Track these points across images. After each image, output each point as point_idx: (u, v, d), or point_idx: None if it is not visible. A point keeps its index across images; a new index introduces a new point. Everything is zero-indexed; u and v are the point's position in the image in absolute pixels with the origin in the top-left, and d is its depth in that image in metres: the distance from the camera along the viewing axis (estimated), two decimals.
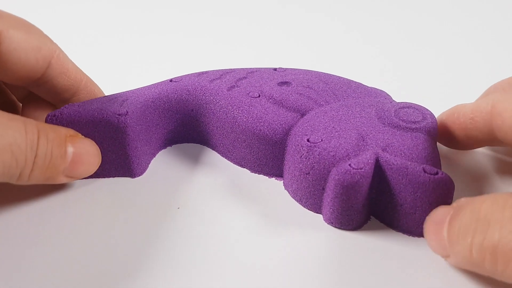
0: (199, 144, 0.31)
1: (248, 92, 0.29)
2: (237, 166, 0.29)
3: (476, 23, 0.51)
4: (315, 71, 0.32)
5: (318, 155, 0.25)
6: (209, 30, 0.50)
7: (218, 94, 0.29)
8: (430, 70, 0.42)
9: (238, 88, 0.30)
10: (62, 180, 0.25)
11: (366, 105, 0.28)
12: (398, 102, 0.28)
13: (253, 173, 0.29)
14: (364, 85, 0.31)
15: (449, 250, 0.21)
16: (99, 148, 0.26)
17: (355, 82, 0.31)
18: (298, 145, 0.26)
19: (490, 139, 0.25)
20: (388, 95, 0.31)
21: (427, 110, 0.27)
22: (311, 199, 0.26)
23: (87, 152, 0.25)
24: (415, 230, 0.24)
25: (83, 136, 0.26)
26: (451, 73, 0.41)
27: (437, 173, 0.23)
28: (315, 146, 0.25)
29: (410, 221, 0.24)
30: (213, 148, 0.31)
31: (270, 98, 0.29)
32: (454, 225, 0.21)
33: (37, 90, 0.27)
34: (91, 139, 0.26)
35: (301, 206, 0.26)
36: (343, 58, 0.45)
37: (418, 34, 0.49)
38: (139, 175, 0.28)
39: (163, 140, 0.30)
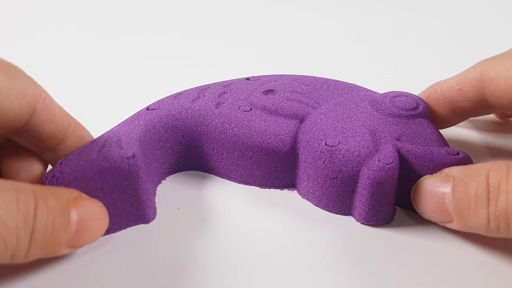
0: (193, 171, 0.29)
1: (238, 107, 0.28)
2: (243, 185, 0.28)
3: (464, 22, 0.53)
4: (288, 75, 0.32)
5: (342, 157, 0.24)
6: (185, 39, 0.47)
7: (208, 114, 0.28)
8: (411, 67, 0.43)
9: (225, 104, 0.28)
10: (64, 251, 0.21)
11: (357, 100, 0.29)
12: (385, 93, 0.29)
13: (263, 189, 0.28)
14: (337, 80, 0.32)
15: (456, 219, 0.23)
16: (108, 200, 0.23)
17: (329, 79, 0.32)
18: (317, 151, 0.25)
19: (478, 107, 0.27)
20: (360, 86, 0.31)
21: (415, 95, 0.29)
22: (340, 203, 0.25)
23: (94, 216, 0.22)
24: None
25: (87, 197, 0.22)
26: (432, 69, 0.43)
27: (458, 154, 0.24)
28: (336, 149, 0.25)
29: None
30: (211, 171, 0.29)
31: (264, 109, 0.28)
32: (461, 197, 0.22)
33: (18, 138, 0.23)
34: (98, 193, 0.23)
35: (326, 211, 0.26)
36: (322, 57, 0.45)
37: (403, 31, 0.51)
38: (153, 219, 0.25)
39: (157, 175, 0.27)
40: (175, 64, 0.43)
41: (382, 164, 0.24)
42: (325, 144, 0.25)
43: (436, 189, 0.23)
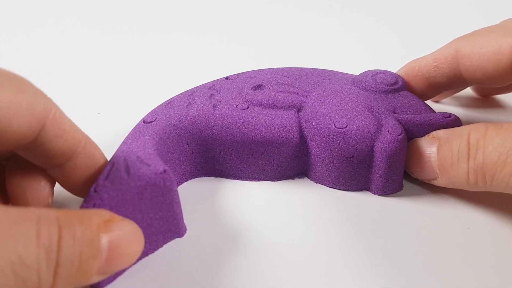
0: (200, 178, 0.28)
1: (235, 106, 0.28)
2: (254, 182, 0.28)
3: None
4: (264, 69, 0.33)
5: (355, 136, 0.26)
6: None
7: (209, 117, 0.27)
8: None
9: (221, 105, 0.28)
10: (95, 280, 0.20)
11: (340, 83, 0.30)
12: (363, 73, 0.31)
13: (275, 182, 0.28)
14: (310, 68, 0.33)
15: (440, 175, 0.25)
16: (146, 221, 0.22)
17: (303, 67, 0.33)
18: (329, 135, 0.26)
19: (453, 82, 0.30)
20: (332, 70, 0.33)
21: (389, 71, 0.31)
22: (356, 179, 0.27)
23: (127, 240, 0.20)
24: None
25: (120, 217, 0.20)
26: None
27: (450, 116, 0.27)
28: (347, 130, 0.26)
29: None
30: (220, 174, 0.28)
31: (261, 105, 0.28)
32: (445, 155, 0.25)
33: (25, 153, 0.21)
34: (137, 215, 0.21)
35: (342, 190, 0.27)
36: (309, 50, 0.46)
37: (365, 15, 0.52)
38: (185, 232, 0.24)
39: None
40: (173, 63, 0.43)
41: (394, 136, 0.25)
42: (335, 126, 0.26)
43: (423, 149, 0.26)
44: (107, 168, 0.22)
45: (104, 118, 0.35)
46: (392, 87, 0.29)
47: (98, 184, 0.21)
